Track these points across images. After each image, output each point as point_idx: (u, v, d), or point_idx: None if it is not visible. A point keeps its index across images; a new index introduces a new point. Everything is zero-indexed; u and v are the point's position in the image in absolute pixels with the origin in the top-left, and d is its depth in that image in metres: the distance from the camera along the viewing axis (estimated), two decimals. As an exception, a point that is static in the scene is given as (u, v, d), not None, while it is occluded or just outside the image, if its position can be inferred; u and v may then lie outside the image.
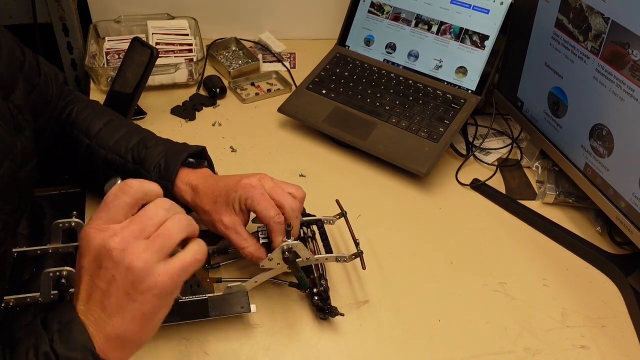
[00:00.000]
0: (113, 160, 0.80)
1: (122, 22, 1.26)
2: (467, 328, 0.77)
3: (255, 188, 0.73)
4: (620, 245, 0.90)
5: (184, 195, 0.78)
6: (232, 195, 0.74)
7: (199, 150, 0.83)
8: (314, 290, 0.75)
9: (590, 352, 0.75)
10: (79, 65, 1.32)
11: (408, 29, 1.12)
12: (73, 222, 0.73)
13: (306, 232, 0.81)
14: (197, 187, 0.77)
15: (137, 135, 0.83)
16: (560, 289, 0.84)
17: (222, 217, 0.74)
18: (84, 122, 0.83)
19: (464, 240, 0.90)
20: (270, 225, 0.72)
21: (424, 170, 0.96)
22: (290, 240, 0.72)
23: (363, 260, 0.76)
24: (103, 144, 0.81)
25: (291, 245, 0.71)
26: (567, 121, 0.92)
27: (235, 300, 0.72)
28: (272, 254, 0.72)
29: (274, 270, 0.74)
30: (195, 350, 0.71)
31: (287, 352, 0.73)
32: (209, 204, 0.75)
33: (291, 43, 1.32)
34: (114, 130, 0.83)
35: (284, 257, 0.71)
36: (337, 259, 0.76)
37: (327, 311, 0.74)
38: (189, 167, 0.80)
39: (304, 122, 1.08)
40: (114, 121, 0.85)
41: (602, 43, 0.81)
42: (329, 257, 0.76)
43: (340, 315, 0.75)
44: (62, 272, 0.67)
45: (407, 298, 0.80)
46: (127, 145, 0.81)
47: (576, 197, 0.95)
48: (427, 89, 1.08)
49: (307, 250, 0.73)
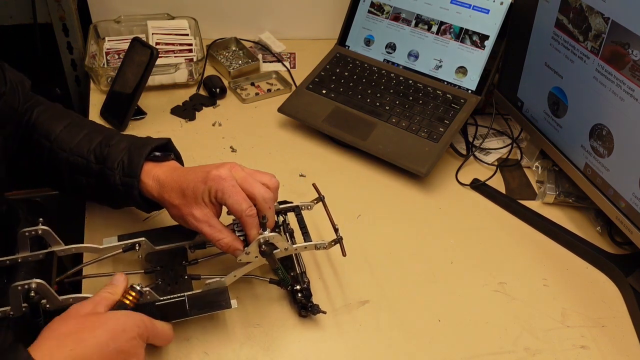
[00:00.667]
0: (75, 162, 0.77)
1: (122, 22, 1.26)
2: (467, 328, 0.77)
3: (226, 180, 0.70)
4: (620, 245, 0.90)
5: (150, 190, 0.75)
6: (201, 188, 0.70)
7: (164, 142, 0.79)
8: (295, 287, 0.74)
9: (590, 352, 0.75)
10: (79, 66, 1.32)
11: (408, 29, 1.12)
12: (40, 229, 0.71)
13: (284, 220, 0.79)
14: (164, 181, 0.74)
15: (99, 135, 0.79)
16: (560, 289, 0.84)
17: (192, 210, 0.71)
18: (43, 125, 0.79)
19: (464, 240, 0.90)
20: (242, 219, 0.69)
21: (424, 170, 0.96)
22: (266, 233, 0.69)
23: (343, 246, 0.73)
24: (64, 147, 0.78)
25: (268, 238, 0.69)
26: (567, 121, 0.92)
27: (215, 297, 0.70)
28: (248, 248, 0.70)
29: (253, 263, 0.72)
30: (195, 350, 0.71)
31: (285, 352, 0.73)
32: (178, 198, 0.72)
33: (291, 43, 1.32)
34: (75, 131, 0.80)
35: (261, 251, 0.70)
36: (317, 247, 0.74)
37: (309, 309, 0.74)
38: (154, 162, 0.76)
39: (304, 122, 1.08)
40: (74, 122, 0.81)
41: (602, 43, 0.81)
42: (308, 245, 0.74)
43: (322, 312, 0.74)
44: (30, 284, 0.64)
45: (407, 298, 0.80)
46: (89, 146, 0.78)
47: (576, 197, 0.95)
48: (427, 89, 1.08)
49: (285, 240, 0.72)
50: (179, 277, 0.74)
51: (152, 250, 0.76)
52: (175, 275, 0.74)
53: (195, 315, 0.69)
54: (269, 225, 0.70)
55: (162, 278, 0.74)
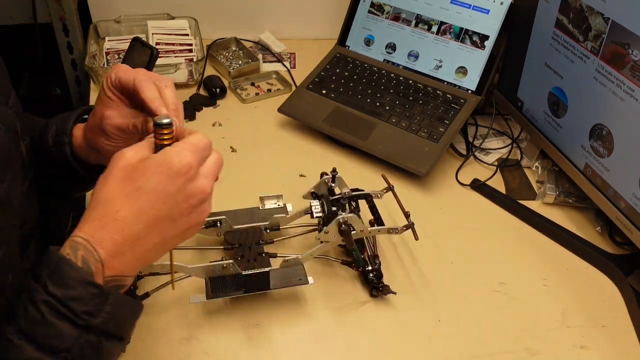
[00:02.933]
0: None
1: (122, 22, 1.26)
2: (467, 328, 0.77)
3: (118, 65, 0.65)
4: (620, 246, 0.90)
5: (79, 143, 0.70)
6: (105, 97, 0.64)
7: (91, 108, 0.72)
8: (367, 268, 0.78)
9: (590, 352, 0.75)
10: (79, 65, 1.32)
11: (408, 29, 1.12)
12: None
13: (356, 206, 0.84)
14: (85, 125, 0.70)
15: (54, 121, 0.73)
16: (560, 289, 0.84)
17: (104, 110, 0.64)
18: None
19: (464, 240, 0.90)
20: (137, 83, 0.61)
21: (424, 170, 0.96)
22: (345, 214, 0.75)
23: (415, 231, 0.78)
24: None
25: (347, 218, 0.74)
26: (567, 121, 0.92)
27: (293, 273, 0.75)
28: (327, 227, 0.75)
29: (329, 243, 0.76)
30: (195, 351, 0.71)
31: (285, 352, 0.73)
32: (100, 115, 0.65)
33: (291, 43, 1.32)
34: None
35: (340, 230, 0.74)
36: (390, 231, 0.79)
37: (380, 289, 0.77)
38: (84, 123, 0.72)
39: (304, 122, 1.08)
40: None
41: (602, 43, 0.81)
42: (382, 229, 0.79)
43: (392, 293, 0.78)
44: None
45: (407, 298, 0.80)
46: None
47: (576, 197, 0.95)
48: (427, 89, 1.08)
49: (361, 222, 0.76)
50: (257, 254, 0.79)
51: (230, 230, 0.80)
52: (254, 253, 0.79)
53: (276, 288, 0.74)
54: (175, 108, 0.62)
55: (241, 254, 0.79)
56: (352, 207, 0.83)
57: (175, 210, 0.52)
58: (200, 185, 0.53)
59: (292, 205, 0.87)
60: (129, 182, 0.51)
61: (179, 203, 0.52)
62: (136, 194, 0.51)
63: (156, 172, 0.51)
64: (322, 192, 0.85)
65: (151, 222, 0.51)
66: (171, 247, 0.55)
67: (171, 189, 0.51)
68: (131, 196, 0.51)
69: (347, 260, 0.81)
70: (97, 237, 0.50)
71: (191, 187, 0.52)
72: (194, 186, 0.52)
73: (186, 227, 0.54)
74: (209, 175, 0.54)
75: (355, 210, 0.83)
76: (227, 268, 0.71)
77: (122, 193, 0.51)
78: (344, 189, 0.84)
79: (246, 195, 0.91)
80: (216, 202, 0.91)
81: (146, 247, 0.52)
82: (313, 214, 0.79)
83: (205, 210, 0.55)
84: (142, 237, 0.51)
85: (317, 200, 0.81)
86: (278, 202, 0.87)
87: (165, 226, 0.52)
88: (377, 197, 0.86)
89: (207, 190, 0.53)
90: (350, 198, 0.83)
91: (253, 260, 0.78)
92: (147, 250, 0.52)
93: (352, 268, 0.81)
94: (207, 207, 0.55)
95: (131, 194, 0.51)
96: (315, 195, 0.85)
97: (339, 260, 0.81)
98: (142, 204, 0.51)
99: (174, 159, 0.51)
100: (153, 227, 0.51)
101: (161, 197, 0.51)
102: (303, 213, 0.83)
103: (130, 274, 0.52)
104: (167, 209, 0.52)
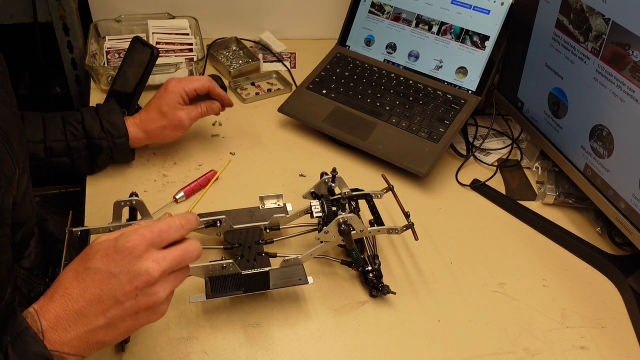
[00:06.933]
0: (55, 146, 0.87)
1: (122, 22, 1.26)
2: (467, 328, 0.77)
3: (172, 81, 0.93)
4: (620, 246, 0.90)
5: (135, 135, 0.92)
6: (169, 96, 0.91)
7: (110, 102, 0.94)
8: (367, 268, 0.78)
9: (590, 352, 0.75)
10: (80, 65, 1.32)
11: (408, 29, 1.12)
12: (134, 200, 0.77)
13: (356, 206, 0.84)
14: (141, 120, 0.92)
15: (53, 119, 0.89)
16: (560, 289, 0.84)
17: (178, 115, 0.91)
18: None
19: (464, 240, 0.90)
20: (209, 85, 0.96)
21: (424, 171, 0.96)
22: (345, 214, 0.75)
23: (415, 231, 0.78)
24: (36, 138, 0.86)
25: (346, 218, 0.74)
26: (567, 122, 0.92)
27: (293, 273, 0.75)
28: (327, 227, 0.75)
29: (329, 243, 0.76)
30: (195, 350, 0.71)
31: (285, 352, 0.73)
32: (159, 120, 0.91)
33: (291, 43, 1.32)
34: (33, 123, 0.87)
35: (340, 230, 0.74)
36: (389, 231, 0.79)
37: (380, 289, 0.77)
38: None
39: (304, 122, 1.08)
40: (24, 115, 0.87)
41: (602, 44, 0.81)
42: (381, 229, 0.79)
43: (392, 293, 0.78)
44: None
45: (407, 298, 0.80)
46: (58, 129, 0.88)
47: (576, 198, 0.95)
48: (428, 89, 1.08)
49: (361, 222, 0.76)
50: (256, 254, 0.79)
51: (230, 229, 0.81)
52: (253, 252, 0.79)
53: (276, 288, 0.74)
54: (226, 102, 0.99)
55: (241, 254, 0.79)
56: (352, 207, 0.83)
57: (119, 292, 0.52)
58: (144, 267, 0.53)
59: (292, 205, 0.87)
60: (81, 261, 0.54)
61: (123, 284, 0.52)
62: (84, 272, 0.53)
63: (103, 253, 0.53)
64: (322, 192, 0.85)
65: (94, 300, 0.52)
66: (124, 331, 0.55)
67: (114, 269, 0.53)
68: (79, 274, 0.53)
69: (346, 260, 0.81)
70: (44, 309, 0.52)
71: (135, 268, 0.53)
72: (138, 267, 0.53)
73: (135, 311, 0.54)
74: (160, 260, 0.54)
75: (355, 210, 0.83)
76: (227, 268, 0.71)
77: (75, 271, 0.54)
78: (343, 189, 0.84)
79: (246, 195, 0.91)
80: (216, 202, 0.92)
81: (91, 326, 0.53)
82: (313, 214, 0.79)
83: (154, 293, 0.54)
84: (85, 314, 0.52)
85: (317, 200, 0.81)
86: (278, 201, 0.87)
87: (109, 306, 0.53)
88: (377, 197, 0.86)
89: (152, 273, 0.53)
90: (350, 198, 0.83)
91: (253, 260, 0.78)
92: (93, 330, 0.53)
93: (351, 268, 0.81)
94: (157, 290, 0.54)
95: (80, 272, 0.53)
96: (315, 195, 0.85)
97: (338, 260, 0.81)
98: (87, 283, 0.53)
99: (120, 240, 0.54)
100: (96, 305, 0.52)
101: (105, 277, 0.53)
102: (303, 213, 0.83)
103: (72, 352, 0.53)
104: (109, 289, 0.52)
